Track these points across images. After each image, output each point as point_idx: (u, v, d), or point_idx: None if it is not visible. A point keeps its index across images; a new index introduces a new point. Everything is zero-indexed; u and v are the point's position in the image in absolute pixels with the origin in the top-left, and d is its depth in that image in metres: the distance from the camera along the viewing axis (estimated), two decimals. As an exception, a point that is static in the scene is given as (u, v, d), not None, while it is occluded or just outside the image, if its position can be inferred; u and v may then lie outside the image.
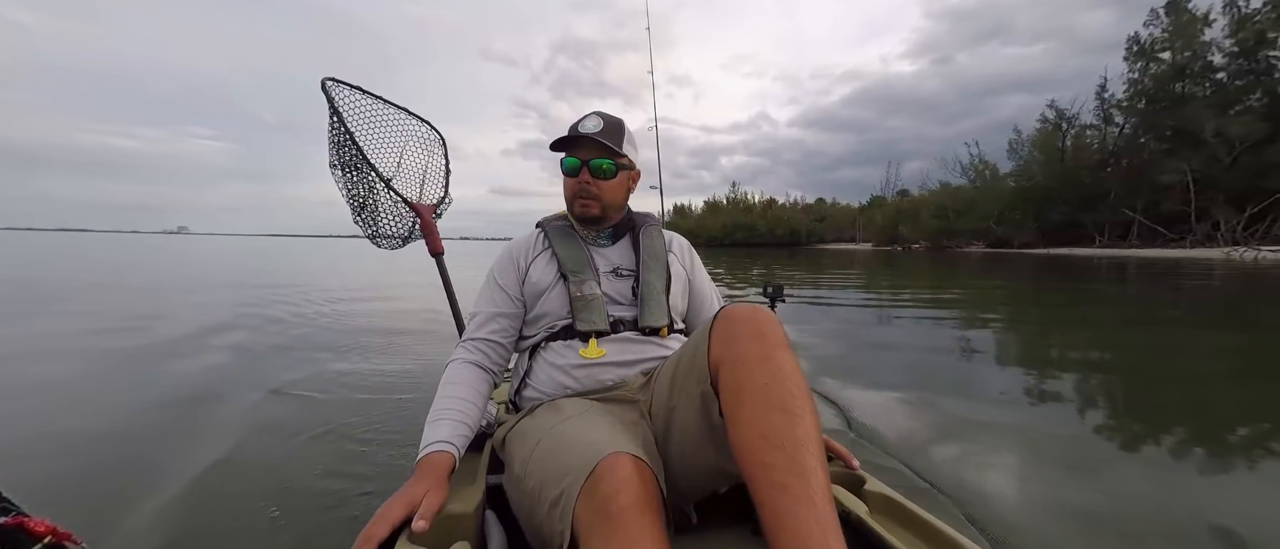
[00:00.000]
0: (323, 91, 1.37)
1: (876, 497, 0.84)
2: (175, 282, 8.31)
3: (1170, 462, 1.74)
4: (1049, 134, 36.30)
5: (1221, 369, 3.11)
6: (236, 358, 3.08)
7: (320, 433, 1.86)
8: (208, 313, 4.78)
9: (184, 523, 1.29)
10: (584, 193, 1.06)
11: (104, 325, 4.05)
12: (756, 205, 68.66)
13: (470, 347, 1.03)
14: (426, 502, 0.73)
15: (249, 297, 6.08)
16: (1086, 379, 2.75)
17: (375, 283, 8.25)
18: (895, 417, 2.11)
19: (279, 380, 2.52)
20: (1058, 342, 4.00)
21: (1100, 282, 9.61)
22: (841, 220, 62.70)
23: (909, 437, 1.88)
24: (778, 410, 0.67)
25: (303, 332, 3.93)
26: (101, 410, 2.13)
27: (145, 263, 13.07)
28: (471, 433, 0.91)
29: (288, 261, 14.75)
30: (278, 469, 1.58)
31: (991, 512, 1.32)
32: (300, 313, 4.86)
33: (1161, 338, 4.14)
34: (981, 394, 2.49)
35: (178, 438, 1.84)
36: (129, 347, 3.33)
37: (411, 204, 1.53)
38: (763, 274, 11.67)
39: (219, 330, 3.90)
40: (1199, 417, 2.20)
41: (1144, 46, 30.43)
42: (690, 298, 1.18)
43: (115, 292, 6.68)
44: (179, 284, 7.93)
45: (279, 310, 5.00)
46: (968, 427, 2.00)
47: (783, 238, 59.65)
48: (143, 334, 3.75)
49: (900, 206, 50.89)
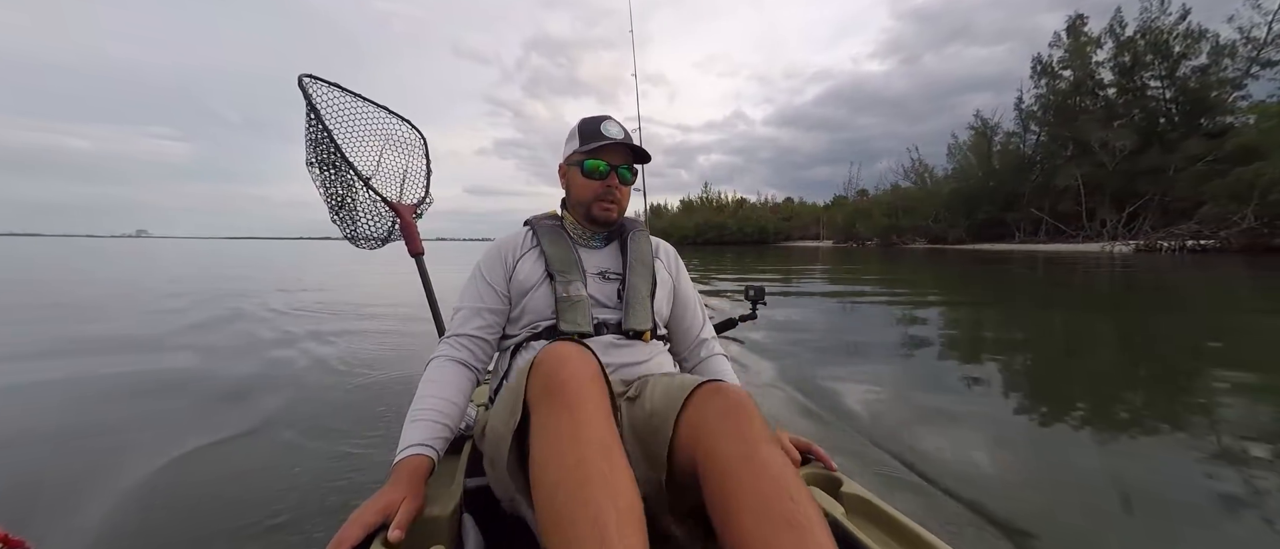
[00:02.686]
0: (300, 88, 1.34)
1: (852, 498, 0.84)
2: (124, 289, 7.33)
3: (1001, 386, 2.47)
4: (978, 141, 40.52)
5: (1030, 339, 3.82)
6: (192, 359, 3.04)
7: (281, 430, 1.85)
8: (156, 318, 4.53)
9: (136, 526, 1.27)
10: (609, 196, 1.06)
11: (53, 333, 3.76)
12: (728, 205, 72.68)
13: (454, 343, 1.01)
14: (403, 509, 0.72)
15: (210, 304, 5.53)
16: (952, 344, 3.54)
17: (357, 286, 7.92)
18: (857, 394, 2.30)
19: (234, 378, 2.55)
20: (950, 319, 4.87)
21: (993, 274, 11.19)
22: (807, 218, 66.47)
23: (877, 415, 2.07)
24: (784, 527, 0.59)
25: (268, 330, 3.89)
26: (53, 415, 2.07)
27: (93, 271, 11.07)
28: (451, 434, 0.90)
29: (254, 268, 12.54)
30: (237, 468, 1.56)
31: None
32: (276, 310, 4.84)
33: (1001, 313, 5.21)
34: (921, 373, 2.81)
35: (131, 442, 1.78)
36: (77, 352, 3.19)
37: (391, 204, 1.51)
38: (735, 271, 12.31)
39: (170, 333, 3.78)
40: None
41: (1046, 65, 34.81)
42: (675, 305, 1.18)
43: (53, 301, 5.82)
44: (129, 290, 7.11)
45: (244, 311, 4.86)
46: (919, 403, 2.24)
47: (751, 236, 63.25)
48: (91, 337, 3.61)
49: (857, 206, 55.11)
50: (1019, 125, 37.49)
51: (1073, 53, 32.92)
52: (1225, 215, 19.87)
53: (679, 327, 1.19)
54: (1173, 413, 2.16)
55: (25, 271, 10.52)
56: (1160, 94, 30.07)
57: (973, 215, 37.28)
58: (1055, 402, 2.37)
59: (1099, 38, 32.22)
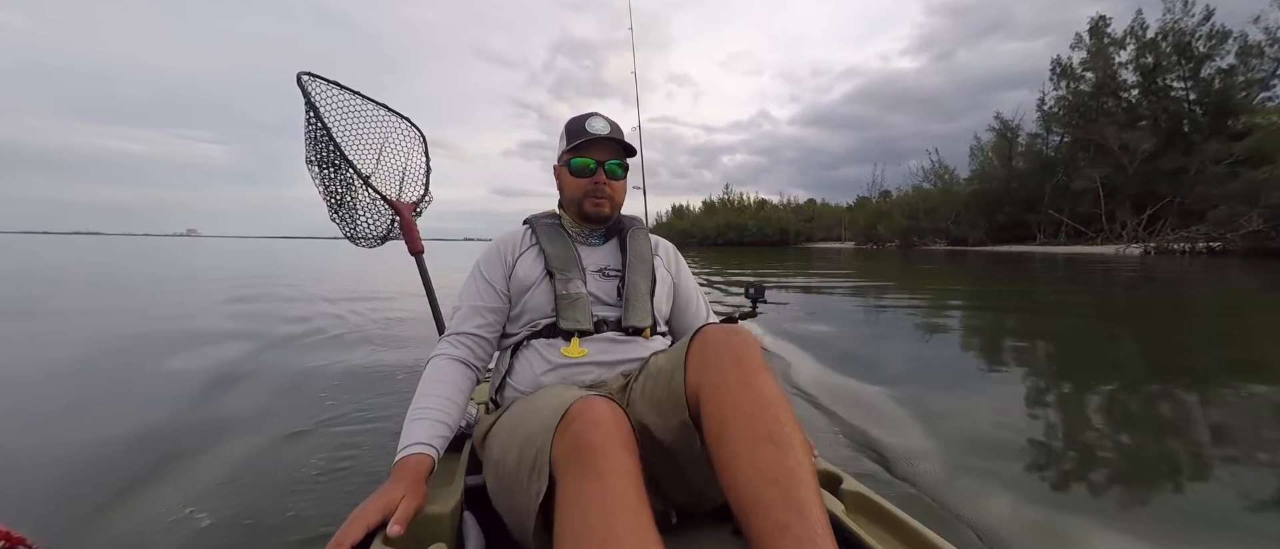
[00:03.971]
0: (299, 86, 1.36)
1: (853, 495, 0.85)
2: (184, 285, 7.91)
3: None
4: (999, 142, 40.42)
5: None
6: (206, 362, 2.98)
7: (293, 432, 1.86)
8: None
9: (142, 525, 1.27)
10: (598, 192, 1.07)
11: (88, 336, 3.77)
12: (749, 206, 72.78)
13: (454, 341, 1.02)
14: (403, 505, 0.74)
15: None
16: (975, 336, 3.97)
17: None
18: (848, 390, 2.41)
19: (246, 382, 2.53)
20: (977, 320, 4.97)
21: (1020, 274, 11.40)
22: (829, 220, 66.27)
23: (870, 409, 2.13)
24: (767, 441, 0.66)
25: (294, 328, 3.98)
26: (74, 418, 2.07)
27: (155, 267, 12.15)
28: (451, 433, 0.91)
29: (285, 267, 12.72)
30: (244, 469, 1.57)
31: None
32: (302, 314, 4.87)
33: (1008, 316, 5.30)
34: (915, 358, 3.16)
35: (141, 440, 1.80)
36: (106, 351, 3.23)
37: (391, 202, 1.52)
38: (750, 272, 12.42)
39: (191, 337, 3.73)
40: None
41: (1066, 68, 34.73)
42: (675, 301, 1.19)
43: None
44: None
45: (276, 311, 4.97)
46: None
47: (771, 237, 63.49)
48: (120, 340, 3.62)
49: (879, 208, 55.03)
50: (1042, 126, 37.37)
51: (1094, 54, 32.75)
52: (1234, 218, 19.98)
53: (681, 322, 1.20)
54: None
55: (126, 269, 11.29)
56: (1183, 95, 29.72)
57: (993, 217, 37.30)
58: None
59: (1123, 38, 31.97)
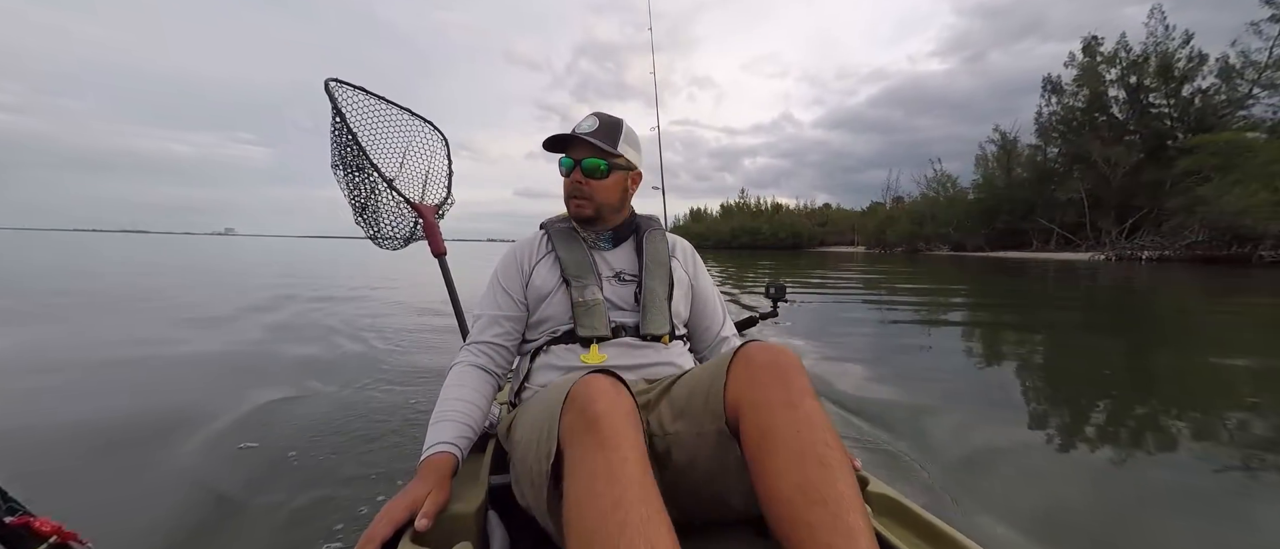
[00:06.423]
0: (326, 92, 1.37)
1: (880, 498, 0.84)
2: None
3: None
4: (1000, 153, 42.44)
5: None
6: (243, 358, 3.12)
7: (332, 432, 1.88)
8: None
9: (190, 522, 1.30)
10: (577, 192, 1.06)
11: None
12: (765, 210, 75.27)
13: (474, 349, 1.04)
14: (429, 501, 0.75)
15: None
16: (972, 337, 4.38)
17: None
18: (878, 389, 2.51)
19: (287, 381, 2.57)
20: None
21: (1007, 277, 12.28)
22: (842, 224, 68.00)
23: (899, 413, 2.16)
24: (814, 462, 0.64)
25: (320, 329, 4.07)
26: (109, 409, 2.14)
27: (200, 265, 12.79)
28: (474, 435, 0.93)
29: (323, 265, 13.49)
30: (286, 469, 1.59)
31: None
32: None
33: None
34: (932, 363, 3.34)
35: (185, 437, 1.83)
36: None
37: (414, 204, 1.54)
38: (767, 272, 12.79)
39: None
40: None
41: (1056, 84, 36.73)
42: (693, 304, 1.17)
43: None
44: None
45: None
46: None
47: (785, 241, 65.56)
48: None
49: (889, 213, 57.13)
50: (1039, 138, 39.31)
51: (1085, 72, 34.72)
52: (1179, 229, 22.24)
53: (698, 325, 1.19)
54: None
55: (182, 266, 12.09)
56: (1166, 113, 31.40)
57: (991, 224, 39.43)
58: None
59: (1113, 56, 33.90)
